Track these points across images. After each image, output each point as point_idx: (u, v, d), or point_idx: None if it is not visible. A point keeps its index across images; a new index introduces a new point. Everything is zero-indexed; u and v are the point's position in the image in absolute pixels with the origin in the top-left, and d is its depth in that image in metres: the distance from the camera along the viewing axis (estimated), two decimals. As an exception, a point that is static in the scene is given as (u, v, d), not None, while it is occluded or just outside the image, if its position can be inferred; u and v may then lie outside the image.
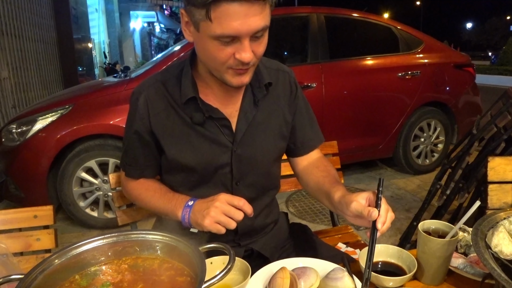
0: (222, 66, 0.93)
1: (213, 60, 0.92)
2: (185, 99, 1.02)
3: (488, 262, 0.70)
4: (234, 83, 0.96)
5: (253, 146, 1.10)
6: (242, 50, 0.88)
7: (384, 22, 4.19)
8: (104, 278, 0.74)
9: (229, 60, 0.91)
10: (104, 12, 14.67)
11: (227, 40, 0.87)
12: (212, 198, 0.95)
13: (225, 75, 0.95)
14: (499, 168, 1.47)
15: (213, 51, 0.90)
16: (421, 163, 4.19)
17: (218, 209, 0.91)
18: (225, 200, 0.93)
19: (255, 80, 1.07)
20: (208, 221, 0.91)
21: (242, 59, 0.89)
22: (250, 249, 1.21)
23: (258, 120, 1.10)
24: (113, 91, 3.11)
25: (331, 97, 3.59)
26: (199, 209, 0.95)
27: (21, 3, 5.79)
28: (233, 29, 0.84)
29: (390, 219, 0.88)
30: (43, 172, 2.91)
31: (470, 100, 4.31)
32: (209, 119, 1.05)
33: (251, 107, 1.09)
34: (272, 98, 1.13)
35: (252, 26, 0.85)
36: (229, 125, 1.07)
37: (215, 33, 0.85)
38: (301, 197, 3.70)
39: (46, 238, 1.25)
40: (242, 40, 0.87)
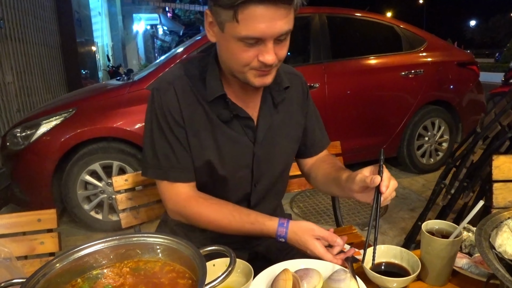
0: (244, 67, 0.94)
1: (236, 61, 0.94)
2: (214, 96, 1.02)
3: (492, 263, 0.69)
4: (256, 84, 0.98)
5: (271, 148, 1.12)
6: (266, 52, 0.90)
7: (386, 21, 4.18)
8: (105, 281, 0.74)
9: (252, 61, 0.92)
10: (107, 15, 14.72)
11: (251, 42, 0.88)
12: (306, 247, 0.99)
13: (247, 76, 0.96)
14: (503, 166, 1.45)
15: (237, 52, 0.91)
16: (425, 162, 4.17)
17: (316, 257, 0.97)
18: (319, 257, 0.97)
19: (274, 82, 1.07)
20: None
21: (266, 61, 0.91)
22: (254, 252, 1.21)
23: (276, 122, 1.12)
24: (117, 94, 3.12)
25: (334, 97, 3.58)
26: (297, 248, 1.01)
27: (24, 7, 5.82)
28: (259, 32, 0.86)
29: (393, 186, 0.93)
30: (47, 176, 2.93)
31: (474, 98, 4.29)
32: (234, 118, 1.06)
33: (271, 109, 1.11)
34: (288, 101, 1.15)
35: (277, 29, 0.87)
36: (252, 126, 1.08)
37: (241, 35, 0.87)
38: (305, 197, 3.70)
39: (50, 241, 1.25)
40: (266, 43, 0.89)
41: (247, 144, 1.08)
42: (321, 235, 0.98)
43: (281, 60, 0.96)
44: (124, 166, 3.01)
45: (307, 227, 0.99)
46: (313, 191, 3.79)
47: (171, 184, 1.06)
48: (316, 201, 3.60)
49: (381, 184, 0.91)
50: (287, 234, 0.99)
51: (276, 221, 1.01)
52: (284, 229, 0.99)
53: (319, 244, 0.96)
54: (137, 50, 18.14)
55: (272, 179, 1.17)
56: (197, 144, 1.05)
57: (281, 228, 0.99)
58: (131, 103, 3.02)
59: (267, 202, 1.21)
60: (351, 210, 3.39)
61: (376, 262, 0.99)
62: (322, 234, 0.97)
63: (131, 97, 3.05)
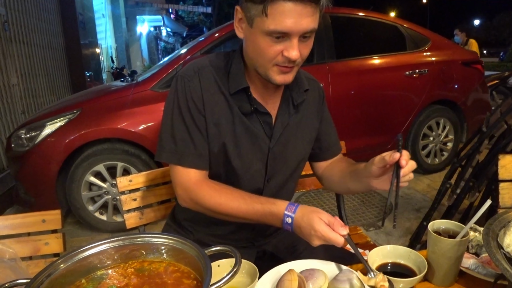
0: (269, 62, 0.98)
1: (262, 55, 0.97)
2: (237, 88, 1.06)
3: (500, 263, 0.68)
4: (278, 81, 1.01)
5: (286, 146, 1.15)
6: (291, 48, 0.94)
7: (390, 20, 4.16)
8: (110, 282, 0.74)
9: (277, 56, 0.96)
10: (111, 17, 14.77)
11: (278, 36, 0.93)
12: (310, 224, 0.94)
13: (270, 72, 1.00)
14: (510, 166, 1.44)
15: (264, 47, 0.95)
16: (430, 162, 4.15)
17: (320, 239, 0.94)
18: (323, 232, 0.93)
19: (295, 84, 1.13)
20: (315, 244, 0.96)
21: (290, 57, 0.94)
22: (262, 250, 1.23)
23: (293, 122, 1.15)
24: (121, 95, 3.13)
25: (338, 97, 3.57)
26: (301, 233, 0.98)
27: (28, 10, 5.85)
28: (286, 26, 0.90)
29: (412, 164, 0.94)
30: (52, 177, 2.93)
31: (479, 98, 4.26)
32: (254, 113, 1.09)
33: (290, 109, 1.14)
34: (306, 104, 1.19)
35: (303, 26, 0.92)
36: (270, 122, 1.11)
37: (269, 29, 0.91)
38: (310, 198, 3.69)
39: (55, 242, 1.25)
40: (291, 38, 0.93)
41: (264, 139, 1.11)
42: (327, 219, 0.95)
43: (303, 59, 0.99)
44: (128, 167, 3.02)
45: (314, 209, 0.98)
46: (317, 192, 3.78)
47: (184, 169, 1.07)
48: (321, 202, 3.59)
49: (400, 158, 0.91)
50: (295, 213, 0.98)
51: (286, 202, 1.01)
52: (293, 207, 0.99)
53: (323, 222, 0.94)
54: (141, 52, 18.19)
55: (284, 177, 1.19)
56: (216, 132, 1.07)
57: (291, 206, 0.99)
58: (135, 104, 3.02)
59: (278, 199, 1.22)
60: (356, 210, 3.37)
61: (382, 262, 0.99)
62: (328, 218, 0.95)
63: (135, 98, 3.06)
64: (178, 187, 1.09)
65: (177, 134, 1.07)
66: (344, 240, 0.92)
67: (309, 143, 1.23)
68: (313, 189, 1.79)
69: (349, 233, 0.94)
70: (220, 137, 1.08)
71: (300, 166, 1.25)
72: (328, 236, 0.92)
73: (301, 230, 0.96)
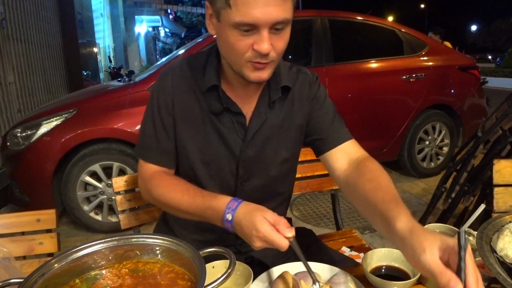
0: (241, 58, 0.92)
1: (233, 51, 0.92)
2: (208, 86, 1.03)
3: (493, 267, 0.69)
4: (252, 78, 0.95)
5: (262, 148, 1.09)
6: (260, 41, 0.87)
7: (388, 25, 4.18)
8: (104, 282, 0.74)
9: (248, 51, 0.90)
10: (109, 17, 14.76)
11: (246, 29, 0.86)
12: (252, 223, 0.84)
13: (243, 69, 0.94)
14: (504, 171, 1.45)
15: (233, 41, 0.89)
16: (426, 166, 4.17)
17: (261, 241, 0.84)
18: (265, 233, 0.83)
19: (274, 81, 1.06)
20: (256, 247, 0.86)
21: (260, 50, 0.88)
22: (250, 256, 1.19)
23: (271, 122, 1.08)
24: (118, 95, 3.12)
25: (336, 100, 3.48)
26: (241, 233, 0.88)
27: (26, 8, 5.83)
28: (252, 17, 0.84)
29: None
30: (47, 176, 2.92)
31: (475, 103, 4.28)
32: (226, 112, 1.04)
33: (265, 107, 1.07)
34: (287, 102, 1.11)
35: (272, 16, 0.85)
36: (243, 122, 1.06)
37: (234, 21, 0.85)
38: (306, 201, 3.69)
39: (49, 242, 1.25)
40: (260, 30, 0.86)
41: (235, 140, 1.06)
42: (272, 218, 0.85)
43: (278, 53, 0.93)
44: (124, 167, 3.01)
45: (259, 206, 0.89)
46: (313, 195, 3.78)
47: (146, 163, 1.09)
48: (316, 205, 3.60)
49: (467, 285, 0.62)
50: (237, 209, 0.88)
51: (229, 197, 0.92)
52: (236, 203, 0.90)
53: (267, 222, 0.84)
54: (139, 52, 18.17)
55: (264, 180, 1.12)
56: (185, 131, 1.07)
57: (234, 202, 0.90)
58: (132, 105, 3.02)
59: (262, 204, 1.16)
60: (351, 213, 3.38)
61: (376, 265, 0.99)
62: (273, 218, 0.85)
63: (132, 99, 3.06)
64: (138, 177, 1.12)
65: (146, 130, 1.10)
66: (288, 244, 0.83)
67: (296, 143, 1.15)
68: (309, 191, 1.79)
69: (294, 236, 0.84)
70: (189, 136, 1.07)
71: (286, 168, 1.16)
72: (271, 238, 0.82)
73: (242, 229, 0.87)
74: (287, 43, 0.94)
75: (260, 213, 0.86)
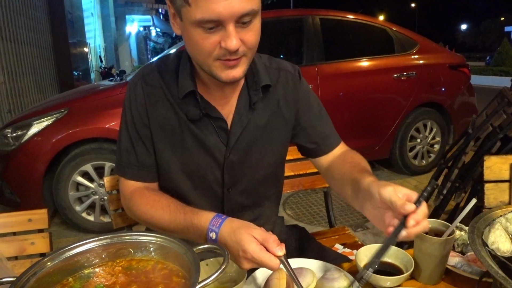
0: (209, 57, 0.85)
1: (199, 51, 0.85)
2: (184, 93, 0.96)
3: (485, 260, 0.69)
4: (224, 78, 0.88)
5: (247, 152, 1.05)
6: (227, 37, 0.80)
7: (379, 23, 4.20)
8: (97, 280, 0.73)
9: (215, 50, 0.83)
10: (99, 16, 14.66)
11: (210, 26, 0.80)
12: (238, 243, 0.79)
13: (213, 69, 0.88)
14: (495, 167, 1.47)
15: (198, 40, 0.83)
16: (417, 163, 4.20)
17: (250, 262, 0.80)
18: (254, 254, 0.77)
19: (252, 81, 1.01)
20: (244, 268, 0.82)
21: (228, 47, 0.81)
22: None
23: (254, 124, 1.04)
24: (109, 95, 3.10)
25: (327, 99, 3.59)
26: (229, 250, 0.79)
27: (16, 7, 5.77)
28: (214, 12, 0.77)
29: (424, 226, 0.73)
30: (38, 177, 2.90)
31: (466, 101, 4.33)
32: (205, 117, 0.98)
33: (246, 109, 1.02)
34: (271, 100, 1.06)
35: (235, 9, 0.77)
36: (225, 127, 1.00)
37: (196, 18, 0.78)
38: (298, 199, 3.70)
39: (41, 242, 1.23)
40: (226, 26, 0.80)
41: (218, 146, 1.01)
42: (260, 236, 0.79)
43: (249, 47, 0.86)
44: (116, 167, 2.99)
45: (245, 223, 0.83)
46: (306, 193, 3.79)
47: (126, 180, 1.05)
48: (309, 203, 3.61)
49: (410, 215, 0.72)
50: (221, 227, 0.83)
51: (213, 214, 0.87)
52: (220, 219, 0.84)
53: (255, 241, 0.78)
54: (130, 52, 18.08)
55: (251, 183, 1.09)
56: (163, 142, 1.01)
57: (217, 219, 0.85)
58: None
59: (252, 207, 1.14)
60: (344, 211, 3.39)
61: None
62: (262, 235, 0.79)
63: (124, 98, 3.03)
64: (121, 195, 1.07)
65: (123, 145, 1.04)
66: (278, 263, 0.78)
67: (282, 143, 1.12)
68: (302, 189, 1.79)
69: (285, 254, 0.79)
70: (168, 147, 1.01)
71: (273, 170, 1.14)
72: (260, 259, 0.77)
73: (227, 249, 0.76)
74: (258, 35, 0.87)
75: (246, 231, 0.80)
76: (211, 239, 0.84)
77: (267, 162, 1.10)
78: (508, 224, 0.86)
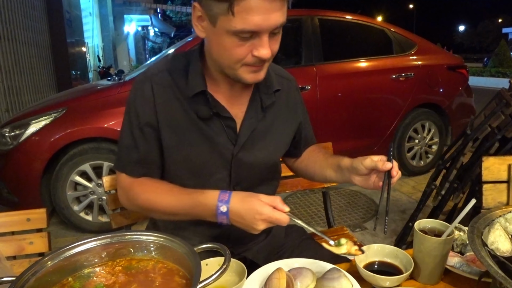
0: (237, 63, 0.91)
1: (229, 56, 0.90)
2: (194, 92, 0.99)
3: (485, 259, 0.70)
4: (249, 80, 0.95)
5: (254, 152, 1.08)
6: (261, 47, 0.87)
7: (377, 24, 4.21)
8: (97, 280, 0.73)
9: (246, 57, 0.89)
10: (98, 16, 14.63)
11: (246, 36, 0.86)
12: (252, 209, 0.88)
13: (239, 73, 0.93)
14: (493, 167, 1.47)
15: (230, 47, 0.88)
16: (415, 164, 4.21)
17: (265, 222, 0.89)
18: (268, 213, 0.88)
19: (263, 84, 1.05)
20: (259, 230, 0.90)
21: (261, 56, 0.88)
22: (243, 257, 1.18)
23: (262, 126, 1.08)
24: (107, 94, 3.09)
25: (326, 99, 3.59)
26: (241, 221, 0.90)
27: (14, 6, 5.75)
28: (255, 25, 0.83)
29: (399, 175, 0.98)
30: (36, 176, 2.88)
31: (464, 102, 4.34)
32: (215, 117, 1.01)
33: (258, 112, 1.06)
34: (278, 105, 1.12)
35: (273, 22, 0.85)
36: (234, 126, 1.03)
37: (236, 28, 0.84)
38: (296, 199, 3.70)
39: (39, 241, 1.23)
40: (261, 36, 0.86)
41: (226, 145, 1.04)
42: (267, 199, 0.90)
43: (274, 54, 0.93)
44: (114, 166, 2.98)
45: (250, 193, 0.92)
46: (304, 193, 3.80)
47: (127, 177, 1.06)
48: (307, 203, 3.61)
49: (392, 168, 0.95)
50: (231, 200, 0.90)
51: (217, 191, 0.93)
52: (227, 194, 0.91)
53: (266, 204, 0.88)
54: (128, 51, 18.06)
55: (252, 182, 1.13)
56: (172, 140, 1.02)
57: (224, 194, 0.92)
58: (122, 104, 2.97)
59: None
60: (342, 211, 3.40)
61: (369, 261, 1.00)
62: (269, 199, 0.90)
63: (122, 98, 3.03)
64: (118, 189, 1.09)
65: (123, 142, 1.05)
66: (288, 218, 0.89)
67: (282, 146, 1.18)
68: (300, 189, 1.79)
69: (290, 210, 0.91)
70: (177, 145, 1.03)
71: (274, 170, 1.19)
72: (274, 217, 0.88)
73: (241, 217, 0.89)
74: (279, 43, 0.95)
75: (255, 198, 0.89)
76: (221, 212, 0.90)
77: (270, 164, 1.15)
78: (507, 224, 0.86)
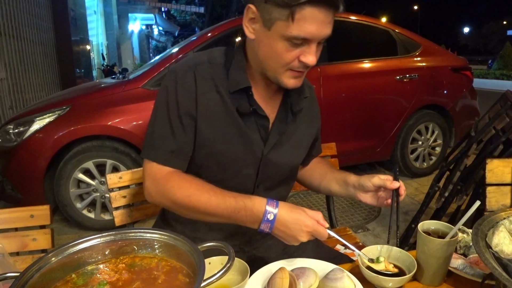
0: (283, 67, 0.96)
1: (277, 59, 0.95)
2: (238, 87, 1.01)
3: (489, 262, 0.69)
4: (289, 85, 0.99)
5: (281, 153, 1.11)
6: (309, 54, 0.93)
7: (382, 25, 4.20)
8: (101, 277, 0.73)
9: (293, 61, 0.94)
10: (102, 14, 14.66)
11: (297, 42, 0.91)
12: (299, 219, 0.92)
13: (281, 76, 0.98)
14: (497, 170, 1.47)
15: (281, 51, 0.93)
16: (418, 166, 4.19)
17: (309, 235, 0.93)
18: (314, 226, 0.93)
19: (295, 90, 1.08)
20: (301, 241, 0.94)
21: (307, 62, 0.93)
22: (253, 255, 1.20)
23: (290, 129, 1.12)
24: (111, 92, 3.10)
25: (330, 100, 3.59)
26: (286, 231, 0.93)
27: (19, 4, 5.78)
28: (310, 33, 0.89)
29: (405, 193, 1.07)
30: (40, 173, 2.90)
31: (468, 104, 4.31)
32: (252, 114, 1.04)
33: (288, 115, 1.10)
34: (303, 111, 1.16)
35: (324, 33, 0.91)
36: (267, 126, 1.06)
37: (291, 34, 0.89)
38: (299, 199, 3.70)
39: (43, 238, 1.24)
40: (311, 44, 0.92)
41: (258, 143, 1.06)
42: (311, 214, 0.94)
43: (315, 63, 0.97)
44: (117, 164, 2.99)
45: (294, 206, 0.96)
46: (307, 193, 3.79)
47: (158, 165, 1.02)
48: (310, 204, 3.61)
49: (400, 187, 1.04)
50: (279, 209, 0.93)
51: (264, 198, 0.95)
52: (274, 202, 0.94)
53: (311, 218, 0.93)
54: (132, 50, 18.09)
55: (274, 183, 1.15)
56: (208, 132, 1.02)
57: (272, 202, 0.94)
58: (126, 102, 3.00)
59: None
60: (345, 212, 3.39)
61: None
62: (312, 213, 0.94)
63: (126, 96, 3.04)
64: (146, 178, 1.04)
65: (157, 130, 1.03)
66: (327, 233, 0.94)
67: (304, 150, 1.21)
68: (303, 190, 1.79)
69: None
70: (212, 137, 1.02)
71: (293, 173, 1.21)
72: (318, 230, 0.93)
73: (287, 227, 0.92)
74: None
75: (302, 210, 0.94)
76: (267, 220, 0.93)
77: (293, 164, 1.18)
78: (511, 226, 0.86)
